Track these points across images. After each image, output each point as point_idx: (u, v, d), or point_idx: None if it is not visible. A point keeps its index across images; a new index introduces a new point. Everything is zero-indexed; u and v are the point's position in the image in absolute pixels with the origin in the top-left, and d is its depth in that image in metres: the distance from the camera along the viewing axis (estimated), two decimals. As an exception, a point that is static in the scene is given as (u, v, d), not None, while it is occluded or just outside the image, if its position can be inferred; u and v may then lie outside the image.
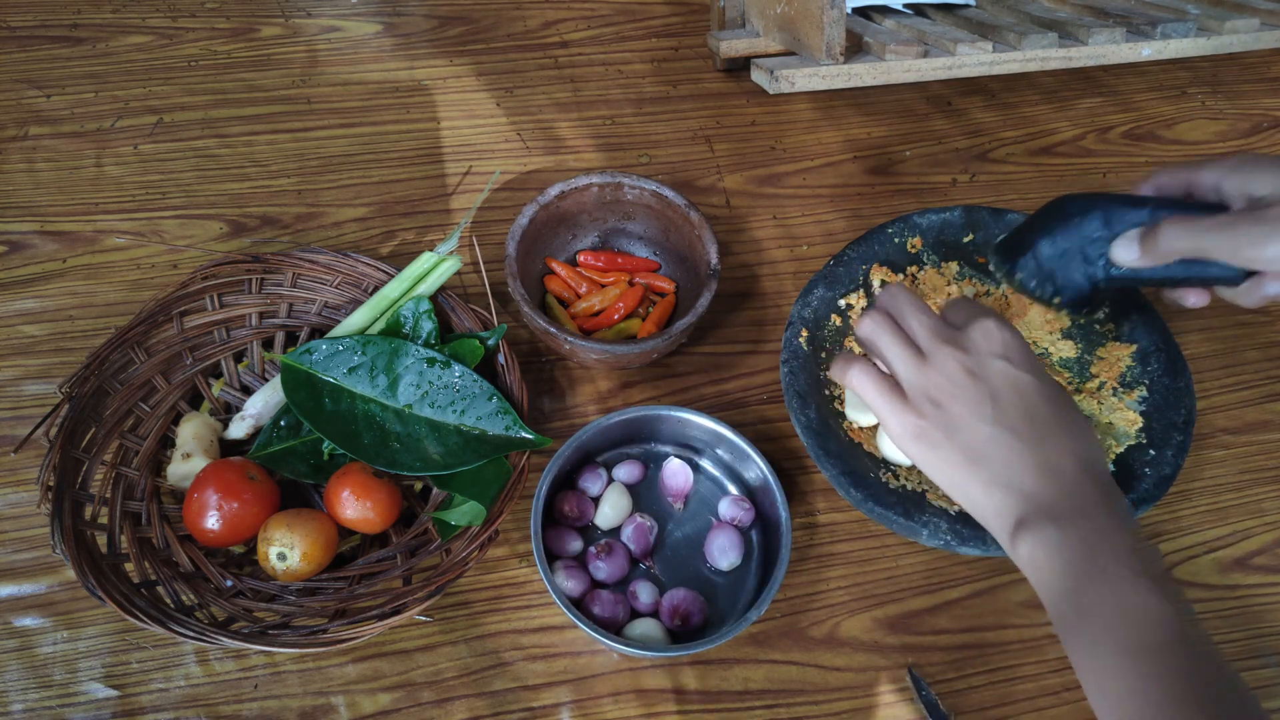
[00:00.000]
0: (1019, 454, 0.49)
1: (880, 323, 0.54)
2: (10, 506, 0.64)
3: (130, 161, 0.79)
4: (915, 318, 0.53)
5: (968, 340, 0.52)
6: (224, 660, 0.59)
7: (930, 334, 0.52)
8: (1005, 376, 0.50)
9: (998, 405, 0.50)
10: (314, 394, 0.62)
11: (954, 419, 0.50)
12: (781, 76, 0.73)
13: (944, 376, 0.51)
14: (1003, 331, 0.52)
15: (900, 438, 0.52)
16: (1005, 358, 0.51)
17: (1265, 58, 0.94)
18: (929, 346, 0.52)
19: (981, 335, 0.51)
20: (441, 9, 0.91)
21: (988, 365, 0.51)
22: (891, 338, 0.53)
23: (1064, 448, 0.49)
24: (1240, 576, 0.65)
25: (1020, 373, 0.51)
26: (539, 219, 0.70)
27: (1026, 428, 0.49)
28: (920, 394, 0.51)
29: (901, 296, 0.55)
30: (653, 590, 0.60)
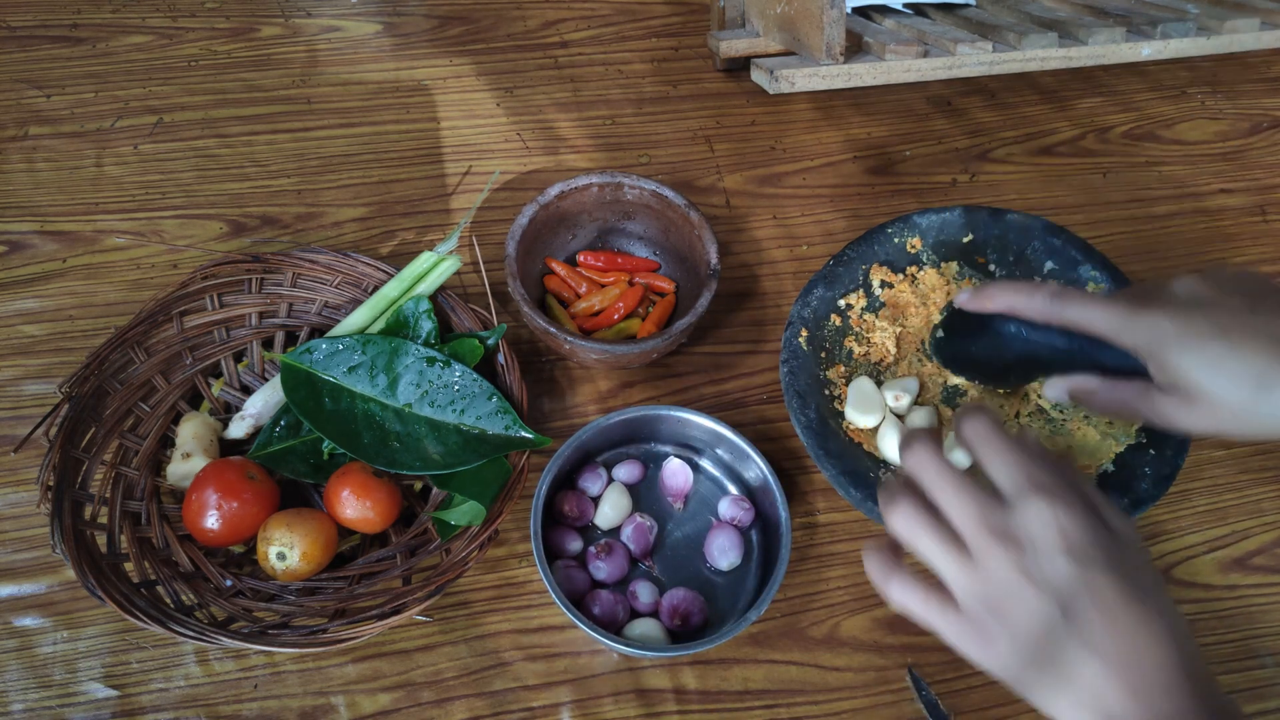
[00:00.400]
0: (1101, 675, 0.41)
1: (914, 517, 0.46)
2: (10, 506, 0.64)
3: (130, 161, 0.79)
4: (953, 502, 0.45)
5: (1020, 529, 0.43)
6: (224, 660, 0.59)
7: (975, 525, 0.44)
8: (1072, 580, 0.42)
9: (1069, 618, 0.42)
10: (314, 393, 0.62)
11: (1019, 632, 0.43)
12: (781, 76, 0.73)
13: (999, 583, 0.43)
14: (1068, 515, 0.43)
15: (964, 651, 0.45)
16: (1069, 552, 0.42)
17: (1265, 58, 0.94)
18: (975, 543, 0.44)
19: (1037, 524, 0.43)
20: (441, 9, 0.91)
21: (1049, 567, 0.42)
22: (930, 538, 0.45)
23: (1153, 658, 0.41)
24: (1239, 576, 0.65)
25: (1090, 573, 0.42)
26: (539, 219, 0.70)
27: (1108, 641, 0.41)
28: (975, 603, 0.44)
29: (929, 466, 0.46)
30: (653, 590, 0.60)
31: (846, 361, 0.68)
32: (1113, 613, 0.42)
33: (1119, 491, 0.60)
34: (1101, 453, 0.64)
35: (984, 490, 0.45)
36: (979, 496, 0.45)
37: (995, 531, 0.44)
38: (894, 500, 0.47)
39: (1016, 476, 0.45)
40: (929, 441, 0.47)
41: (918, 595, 0.46)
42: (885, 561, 0.47)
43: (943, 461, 0.47)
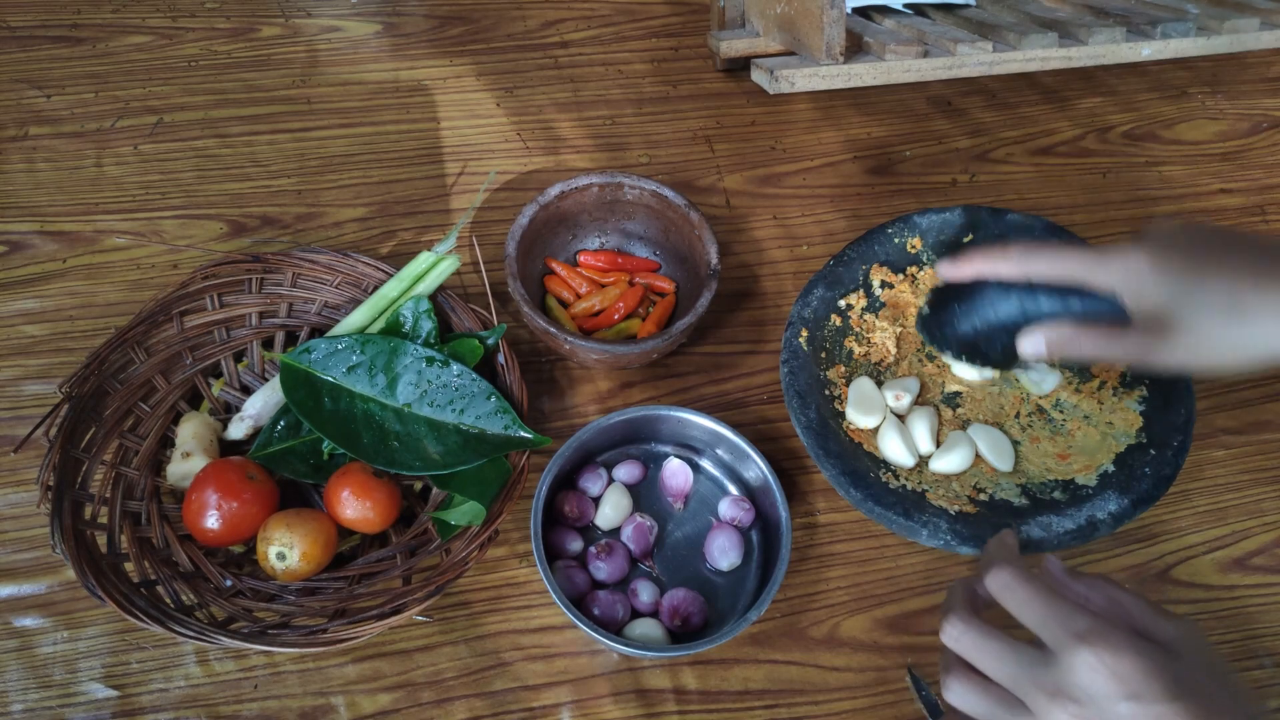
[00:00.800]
0: None
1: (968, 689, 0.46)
2: (10, 506, 0.64)
3: (130, 161, 0.79)
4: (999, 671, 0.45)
5: (1072, 686, 0.42)
6: (224, 660, 0.59)
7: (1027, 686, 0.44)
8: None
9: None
10: (313, 393, 0.62)
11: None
12: (781, 76, 0.73)
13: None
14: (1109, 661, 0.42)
15: None
16: (1130, 698, 0.41)
17: (1265, 58, 0.93)
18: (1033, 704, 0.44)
19: (1089, 677, 0.42)
20: (441, 9, 0.91)
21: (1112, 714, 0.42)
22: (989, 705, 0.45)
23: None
24: (1239, 577, 0.65)
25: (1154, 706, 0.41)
26: (539, 219, 0.70)
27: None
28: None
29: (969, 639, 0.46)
30: (653, 590, 0.60)
31: (846, 362, 0.68)
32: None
33: (1119, 491, 0.60)
34: (1101, 452, 0.64)
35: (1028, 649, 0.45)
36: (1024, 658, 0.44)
37: (1049, 690, 0.43)
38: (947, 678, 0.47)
39: (1055, 630, 0.44)
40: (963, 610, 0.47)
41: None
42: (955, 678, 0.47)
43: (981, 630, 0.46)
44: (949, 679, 0.47)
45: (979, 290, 0.57)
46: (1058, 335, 0.55)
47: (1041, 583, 0.46)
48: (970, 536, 0.58)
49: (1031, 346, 0.55)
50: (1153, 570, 0.65)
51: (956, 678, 0.47)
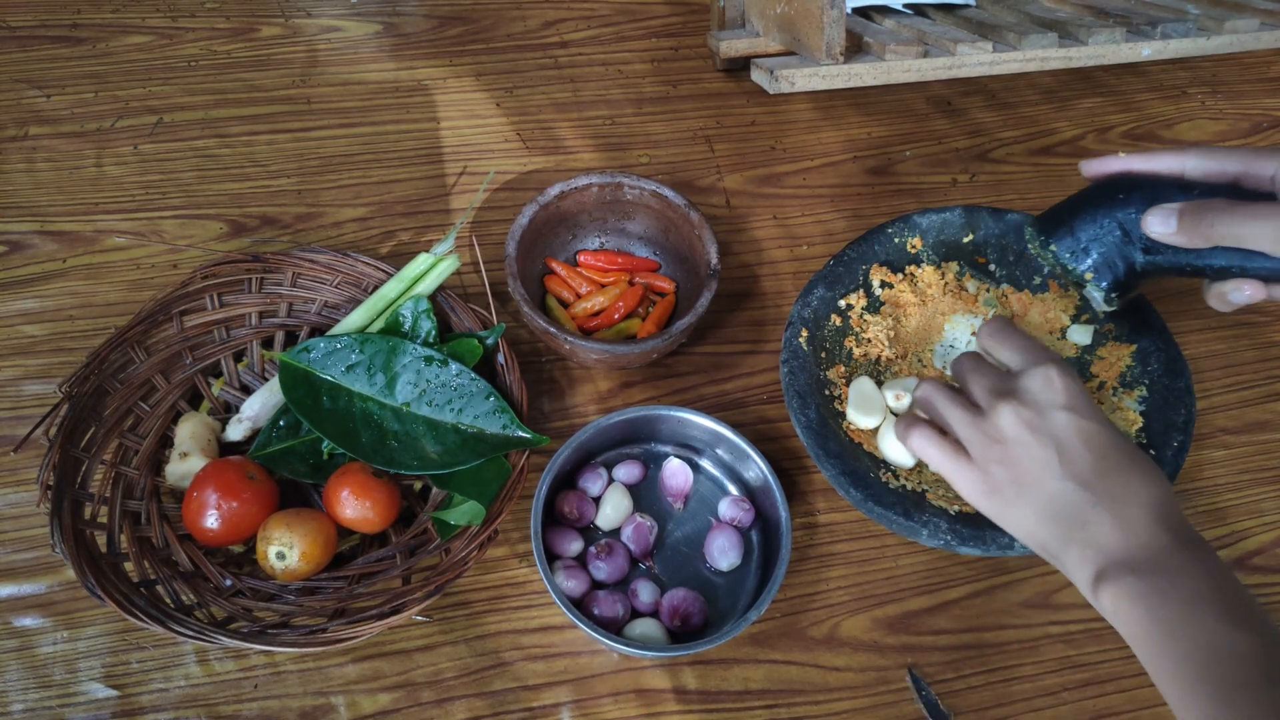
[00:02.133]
0: (1092, 507, 0.48)
1: (934, 386, 0.54)
2: (10, 506, 0.64)
3: (130, 161, 0.79)
4: (969, 377, 0.53)
5: (1026, 392, 0.51)
6: (224, 660, 0.59)
7: (987, 389, 0.52)
8: (1070, 428, 0.49)
9: (1065, 459, 0.49)
10: (312, 392, 0.62)
11: (1021, 475, 0.50)
12: (781, 76, 0.73)
13: (1005, 432, 0.50)
14: (1063, 378, 0.50)
15: (970, 496, 0.52)
16: (1068, 408, 0.50)
17: (1265, 58, 0.93)
18: (987, 402, 0.51)
19: (1041, 384, 0.50)
20: (441, 9, 0.91)
21: (1050, 417, 0.50)
22: (947, 398, 0.53)
23: (1136, 496, 0.48)
24: (1239, 576, 0.65)
25: (1085, 421, 0.49)
26: (539, 219, 0.70)
27: (1097, 480, 0.48)
28: (984, 452, 0.51)
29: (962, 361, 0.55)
30: (653, 590, 0.60)
31: (846, 362, 0.68)
32: (1102, 454, 0.49)
33: (1119, 491, 0.60)
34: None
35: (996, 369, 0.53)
36: (992, 371, 0.53)
37: (1004, 393, 0.51)
38: (919, 384, 0.56)
39: (1023, 354, 0.53)
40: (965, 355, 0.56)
41: (935, 443, 0.53)
42: (910, 419, 0.55)
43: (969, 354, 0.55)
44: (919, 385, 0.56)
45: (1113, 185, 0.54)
46: (1195, 206, 0.52)
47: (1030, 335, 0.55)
48: (971, 536, 0.58)
49: (1160, 221, 0.53)
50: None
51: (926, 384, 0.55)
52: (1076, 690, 0.61)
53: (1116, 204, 0.55)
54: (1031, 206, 0.81)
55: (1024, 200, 0.82)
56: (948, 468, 0.52)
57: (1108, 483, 0.48)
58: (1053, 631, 0.62)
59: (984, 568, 0.64)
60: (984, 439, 0.51)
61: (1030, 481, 0.49)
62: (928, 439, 0.53)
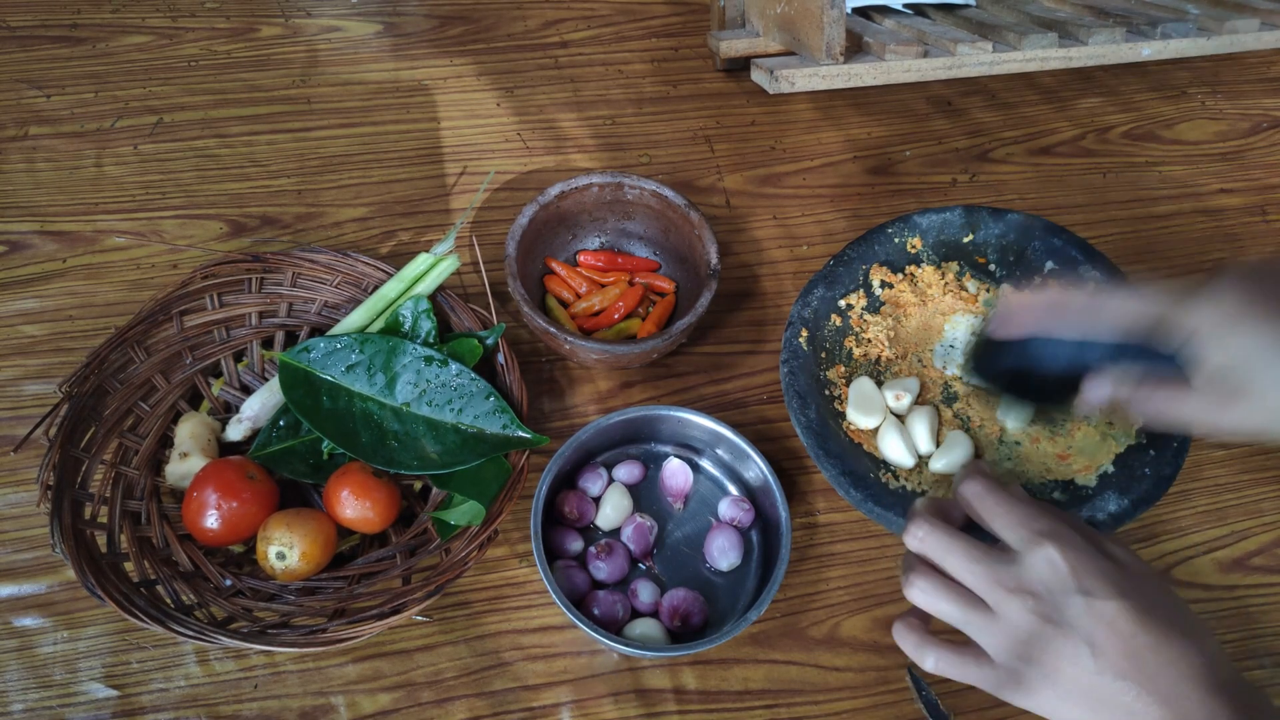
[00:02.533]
0: (1135, 698, 0.44)
1: (930, 588, 0.49)
2: (10, 506, 0.64)
3: (130, 161, 0.79)
4: (963, 567, 0.48)
5: (1031, 580, 0.46)
6: (224, 660, 0.59)
7: (989, 583, 0.47)
8: (1090, 615, 0.44)
9: (1096, 652, 0.44)
10: (311, 392, 0.62)
11: (1051, 672, 0.45)
12: (781, 76, 0.73)
13: (1024, 632, 0.45)
14: (1067, 555, 0.45)
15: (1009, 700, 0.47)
16: (1082, 591, 0.45)
17: (1265, 58, 0.94)
18: (992, 600, 0.47)
19: (1046, 570, 0.46)
20: (441, 9, 0.91)
21: (1067, 608, 0.45)
22: (951, 603, 0.48)
23: (1181, 672, 0.44)
24: (1239, 577, 0.65)
25: (1104, 604, 0.44)
26: (539, 219, 0.70)
27: (1133, 666, 0.44)
28: (1006, 654, 0.46)
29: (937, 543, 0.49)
30: (653, 590, 0.60)
31: (846, 362, 0.68)
32: (1133, 636, 0.44)
33: (1119, 491, 0.60)
34: (1101, 453, 0.64)
35: (990, 550, 0.48)
36: (986, 556, 0.48)
37: (1008, 586, 0.46)
38: (909, 576, 0.49)
39: (1019, 530, 0.47)
40: (929, 516, 0.50)
41: (953, 660, 0.48)
42: (916, 636, 0.49)
43: (946, 532, 0.49)
44: (911, 577, 0.49)
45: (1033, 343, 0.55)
46: (1133, 391, 0.51)
47: (1010, 492, 0.50)
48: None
49: (1097, 394, 0.52)
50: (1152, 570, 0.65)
51: (920, 575, 0.49)
52: (1076, 690, 0.60)
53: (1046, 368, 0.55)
54: (1031, 206, 0.81)
55: (1024, 200, 0.82)
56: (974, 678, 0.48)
57: (1145, 665, 0.44)
58: (1053, 631, 0.62)
59: (984, 568, 0.64)
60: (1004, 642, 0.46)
61: (1062, 678, 0.45)
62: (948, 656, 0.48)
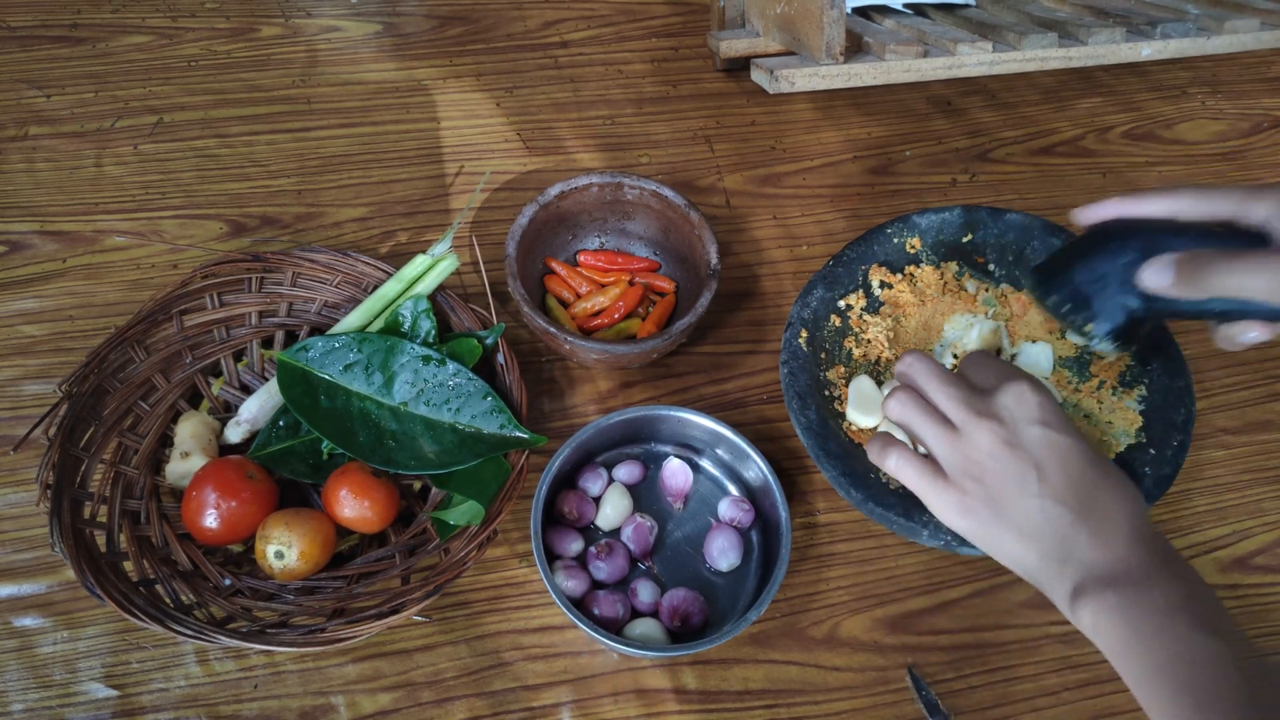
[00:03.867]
0: (1069, 524, 0.48)
1: (907, 401, 0.53)
2: (10, 506, 0.64)
3: (130, 161, 0.79)
4: (941, 390, 0.52)
5: (1000, 408, 0.50)
6: (224, 660, 0.59)
7: (960, 406, 0.51)
8: (1045, 444, 0.49)
9: (1041, 476, 0.49)
10: (310, 391, 0.62)
11: (998, 493, 0.49)
12: (781, 76, 0.73)
13: (981, 451, 0.50)
14: (1036, 394, 0.50)
15: (945, 516, 0.51)
16: (1042, 423, 0.49)
17: (1265, 58, 0.93)
18: (961, 420, 0.51)
19: (1014, 401, 0.50)
20: (441, 9, 0.91)
21: (1025, 434, 0.49)
22: (922, 416, 0.52)
23: (1112, 512, 0.48)
24: (1240, 576, 0.65)
25: (1060, 436, 0.49)
26: (539, 219, 0.70)
27: (1073, 496, 0.48)
28: (960, 471, 0.50)
29: (921, 367, 0.54)
30: (653, 590, 0.60)
31: (846, 362, 0.68)
32: (1077, 470, 0.49)
33: (1119, 491, 0.60)
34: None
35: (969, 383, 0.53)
36: (964, 385, 0.52)
37: (979, 410, 0.51)
38: (892, 394, 0.54)
39: (995, 375, 0.53)
40: (919, 352, 0.55)
41: (911, 465, 0.52)
42: (884, 440, 0.54)
43: (932, 363, 0.54)
44: (892, 395, 0.54)
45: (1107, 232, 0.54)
46: (1191, 258, 0.50)
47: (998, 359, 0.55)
48: (970, 536, 0.58)
49: (1156, 273, 0.52)
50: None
51: (899, 394, 0.54)
52: (1076, 690, 0.60)
53: (1112, 253, 0.54)
54: (1031, 206, 0.81)
55: (1024, 200, 0.82)
56: (924, 488, 0.52)
57: (1085, 499, 0.48)
58: (1053, 631, 0.62)
59: (984, 568, 0.64)
60: (961, 458, 0.50)
61: (1008, 500, 0.49)
62: (903, 460, 0.52)
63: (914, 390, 0.53)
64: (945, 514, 0.51)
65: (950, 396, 0.52)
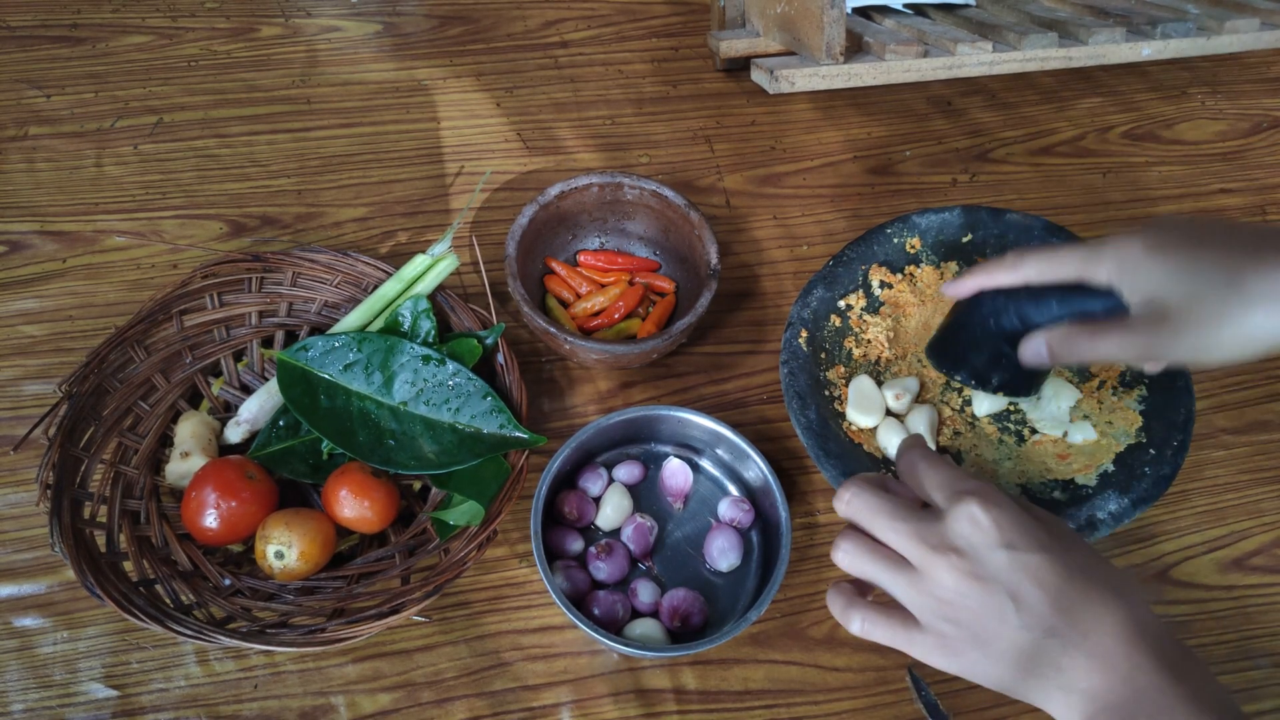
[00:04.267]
0: (1061, 651, 0.44)
1: (855, 549, 0.48)
2: (10, 507, 0.64)
3: (130, 161, 0.79)
4: (888, 527, 0.47)
5: (956, 537, 0.45)
6: (224, 660, 0.59)
7: (913, 542, 0.46)
8: (1013, 568, 0.44)
9: (1019, 605, 0.44)
10: (309, 390, 0.62)
11: (978, 631, 0.45)
12: (781, 76, 0.73)
13: (948, 590, 0.45)
14: (989, 511, 0.45)
15: (931, 661, 0.47)
16: (1006, 545, 0.44)
17: (1265, 58, 0.93)
18: (918, 558, 0.46)
19: (969, 527, 0.45)
20: (441, 9, 0.91)
21: (990, 562, 0.44)
22: (875, 563, 0.47)
23: (1103, 624, 0.44)
24: (1238, 577, 0.65)
25: (1028, 555, 0.44)
26: (539, 219, 0.70)
27: (1059, 619, 0.44)
28: (931, 615, 0.46)
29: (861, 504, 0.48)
30: (653, 590, 0.60)
31: (846, 362, 0.68)
32: (1058, 589, 0.44)
33: (1119, 491, 0.60)
34: (1101, 452, 0.64)
35: (916, 510, 0.47)
36: (912, 516, 0.47)
37: (934, 545, 0.45)
38: (838, 543, 0.49)
39: (945, 489, 0.47)
40: (860, 482, 0.49)
41: (880, 622, 0.47)
42: (845, 598, 0.49)
43: (871, 494, 0.48)
44: (839, 542, 0.48)
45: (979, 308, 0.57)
46: (1059, 336, 0.54)
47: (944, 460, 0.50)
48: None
49: (1033, 352, 0.55)
50: (1152, 570, 0.65)
51: (846, 538, 0.48)
52: (1076, 690, 0.60)
53: (992, 331, 0.57)
54: (1031, 206, 0.81)
55: (1024, 200, 0.82)
56: (900, 642, 0.47)
57: (1070, 619, 0.44)
58: None
59: (984, 568, 0.64)
60: (929, 600, 0.45)
61: (990, 636, 0.45)
62: (869, 620, 0.47)
63: (861, 535, 0.49)
64: (930, 660, 0.47)
65: (899, 532, 0.47)
